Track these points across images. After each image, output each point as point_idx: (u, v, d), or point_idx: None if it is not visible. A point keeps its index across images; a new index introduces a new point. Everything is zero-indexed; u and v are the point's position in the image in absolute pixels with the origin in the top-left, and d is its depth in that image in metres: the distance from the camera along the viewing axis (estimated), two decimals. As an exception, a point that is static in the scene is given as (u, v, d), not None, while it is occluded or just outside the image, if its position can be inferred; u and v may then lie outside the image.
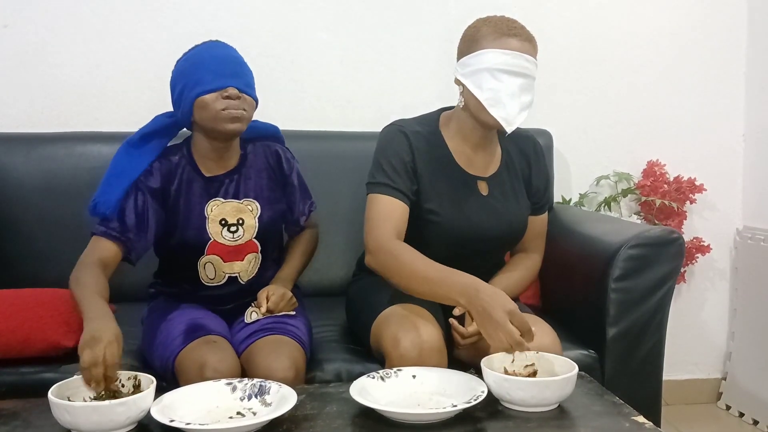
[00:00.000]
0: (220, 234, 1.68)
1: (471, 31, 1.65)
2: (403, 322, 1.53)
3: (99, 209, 1.61)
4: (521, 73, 1.59)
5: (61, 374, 1.60)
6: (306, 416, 1.30)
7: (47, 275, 2.06)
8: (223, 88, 1.58)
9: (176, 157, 1.70)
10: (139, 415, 1.23)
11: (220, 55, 1.62)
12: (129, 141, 1.67)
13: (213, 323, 1.63)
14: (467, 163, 1.73)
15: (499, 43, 1.58)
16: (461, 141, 1.72)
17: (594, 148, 2.65)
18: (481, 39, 1.61)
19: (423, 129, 1.72)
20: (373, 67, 2.50)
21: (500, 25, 1.61)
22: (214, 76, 1.58)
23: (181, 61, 1.66)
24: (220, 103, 1.58)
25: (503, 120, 1.59)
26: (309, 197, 1.84)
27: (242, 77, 1.62)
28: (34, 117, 2.33)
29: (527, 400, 1.31)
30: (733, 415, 2.66)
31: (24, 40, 2.32)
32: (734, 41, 2.70)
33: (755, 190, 2.71)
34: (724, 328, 2.78)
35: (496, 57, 1.58)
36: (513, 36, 1.59)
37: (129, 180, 1.64)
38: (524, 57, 1.59)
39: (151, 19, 2.37)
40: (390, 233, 1.59)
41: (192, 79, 1.60)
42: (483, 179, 1.73)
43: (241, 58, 1.66)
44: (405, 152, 1.66)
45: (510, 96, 1.58)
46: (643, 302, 1.82)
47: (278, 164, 1.78)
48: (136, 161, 1.66)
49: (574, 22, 2.61)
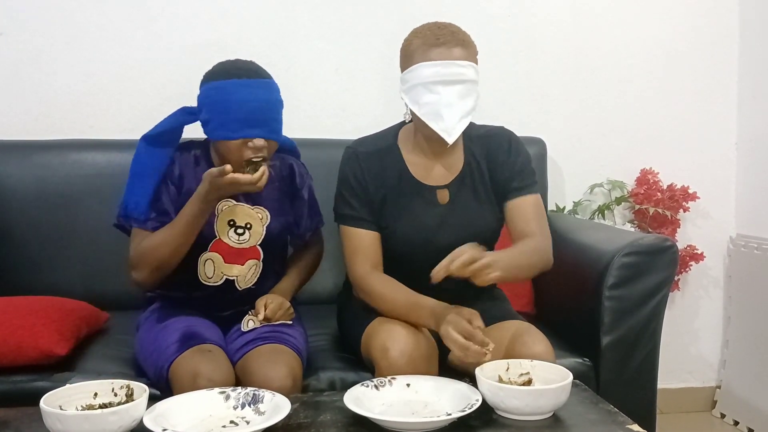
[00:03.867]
0: (227, 233, 1.68)
1: (405, 46, 1.64)
2: (391, 331, 1.54)
3: (131, 212, 1.65)
4: (456, 81, 1.56)
5: (53, 383, 1.59)
6: (300, 425, 1.29)
7: (40, 283, 2.06)
8: (249, 138, 1.58)
9: (196, 152, 1.72)
10: (131, 424, 1.23)
11: (247, 99, 1.58)
12: (148, 137, 1.68)
13: (208, 332, 1.63)
14: (424, 175, 1.71)
15: (428, 55, 1.57)
16: (420, 152, 1.71)
17: (587, 156, 2.66)
18: (413, 53, 1.60)
19: (379, 146, 1.72)
20: (367, 75, 2.51)
21: (428, 35, 1.59)
22: (240, 124, 1.57)
23: (209, 86, 1.62)
24: (244, 151, 1.58)
25: (443, 132, 1.57)
26: (317, 214, 1.85)
27: (269, 124, 1.61)
28: (29, 124, 2.32)
29: (522, 409, 1.31)
30: (727, 424, 2.65)
31: (19, 48, 2.31)
32: (726, 50, 2.71)
33: (748, 198, 2.72)
34: (718, 336, 2.78)
35: (426, 70, 1.56)
36: (440, 45, 1.57)
37: (152, 179, 1.65)
38: (456, 63, 1.56)
39: (146, 28, 2.37)
40: (364, 268, 1.66)
41: (217, 118, 1.59)
42: (443, 187, 1.71)
43: (270, 99, 1.62)
44: (358, 177, 1.68)
45: (447, 106, 1.56)
46: (638, 310, 1.83)
47: (291, 177, 1.79)
48: (157, 158, 1.68)
49: (567, 31, 2.62)
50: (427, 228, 1.68)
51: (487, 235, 1.71)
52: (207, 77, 1.64)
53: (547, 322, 1.98)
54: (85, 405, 1.29)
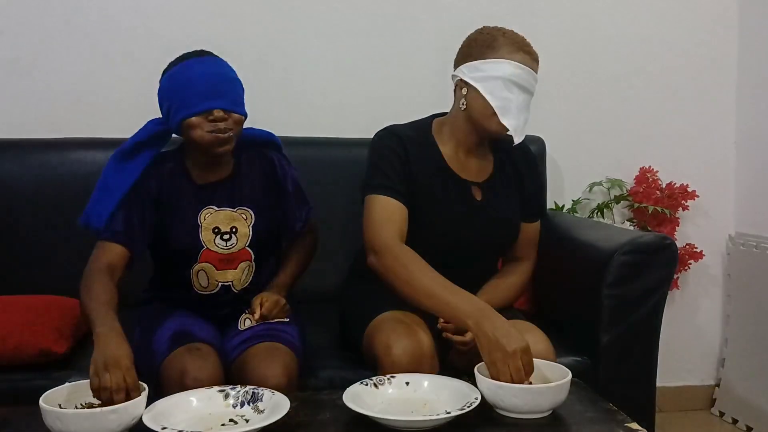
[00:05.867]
0: (213, 242, 1.67)
1: (486, 38, 1.65)
2: (395, 329, 1.53)
3: (91, 222, 1.63)
4: (529, 90, 1.64)
5: (52, 381, 1.58)
6: (299, 423, 1.29)
7: (39, 282, 2.06)
8: (209, 110, 1.56)
9: (170, 164, 1.70)
10: (131, 423, 1.23)
11: (205, 73, 1.58)
12: (119, 152, 1.66)
13: (201, 330, 1.62)
14: (461, 169, 1.73)
15: (516, 56, 1.62)
16: (455, 146, 1.73)
17: (587, 154, 2.66)
18: (499, 48, 1.62)
19: (415, 134, 1.72)
20: (366, 74, 2.50)
21: (516, 39, 1.64)
22: (199, 98, 1.56)
23: (166, 77, 1.64)
24: (206, 126, 1.57)
25: (513, 129, 1.63)
26: (306, 203, 1.82)
27: (228, 95, 1.59)
28: (27, 123, 2.32)
29: (521, 407, 1.31)
30: (726, 422, 2.66)
31: (17, 47, 2.31)
32: (726, 48, 2.71)
33: (747, 196, 2.72)
34: (717, 335, 2.79)
35: (512, 69, 1.60)
36: (527, 53, 1.63)
37: (119, 193, 1.64)
38: (533, 75, 1.64)
39: (144, 26, 2.37)
40: (395, 235, 1.60)
41: (177, 99, 1.58)
42: (477, 184, 1.74)
43: (227, 73, 1.62)
44: (400, 153, 1.67)
45: (518, 109, 1.63)
46: (637, 308, 1.83)
47: (272, 171, 1.77)
48: (127, 173, 1.66)
49: (567, 30, 2.62)
50: (459, 221, 1.69)
51: (510, 238, 1.80)
52: (163, 72, 1.65)
53: (546, 320, 1.98)
54: (84, 403, 1.30)
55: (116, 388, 1.26)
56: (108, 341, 1.35)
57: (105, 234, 1.62)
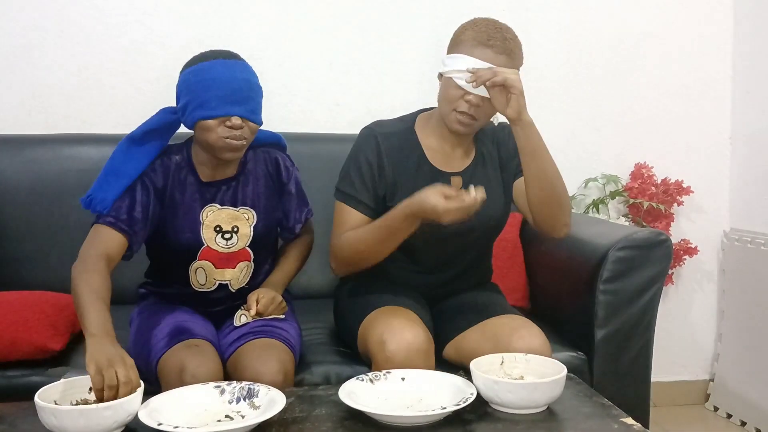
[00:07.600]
0: (214, 240, 1.67)
1: (458, 32, 1.66)
2: (389, 324, 1.54)
3: (95, 205, 1.59)
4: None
5: (47, 377, 1.59)
6: (295, 419, 1.29)
7: (34, 278, 2.06)
8: (227, 116, 1.55)
9: (177, 157, 1.68)
10: (126, 419, 1.22)
11: (229, 77, 1.56)
12: (131, 137, 1.64)
13: (199, 327, 1.62)
14: (442, 161, 1.72)
15: (475, 52, 1.58)
16: (439, 138, 1.73)
17: (582, 150, 2.66)
18: (461, 43, 1.62)
19: (399, 129, 1.73)
20: (361, 69, 2.50)
21: (482, 32, 1.60)
22: (219, 101, 1.54)
23: (189, 71, 1.60)
24: (222, 131, 1.55)
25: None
26: (306, 205, 1.82)
27: (248, 103, 1.58)
28: (22, 119, 2.31)
29: (516, 402, 1.31)
30: (720, 417, 2.67)
31: (11, 42, 2.30)
32: (721, 44, 2.72)
33: (742, 192, 2.73)
34: (711, 330, 2.80)
35: (467, 64, 1.57)
36: (489, 47, 1.58)
37: (127, 179, 1.61)
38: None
39: (140, 22, 2.36)
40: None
41: (196, 98, 1.56)
42: (457, 174, 1.73)
43: (250, 79, 1.60)
44: (372, 162, 1.68)
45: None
46: (632, 304, 1.83)
47: (277, 172, 1.77)
48: (136, 160, 1.63)
49: (562, 25, 2.62)
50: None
51: (494, 222, 1.76)
52: (186, 65, 1.63)
53: (541, 316, 1.99)
54: (80, 400, 1.29)
55: (125, 381, 1.25)
56: (103, 342, 1.33)
57: (107, 219, 1.58)
